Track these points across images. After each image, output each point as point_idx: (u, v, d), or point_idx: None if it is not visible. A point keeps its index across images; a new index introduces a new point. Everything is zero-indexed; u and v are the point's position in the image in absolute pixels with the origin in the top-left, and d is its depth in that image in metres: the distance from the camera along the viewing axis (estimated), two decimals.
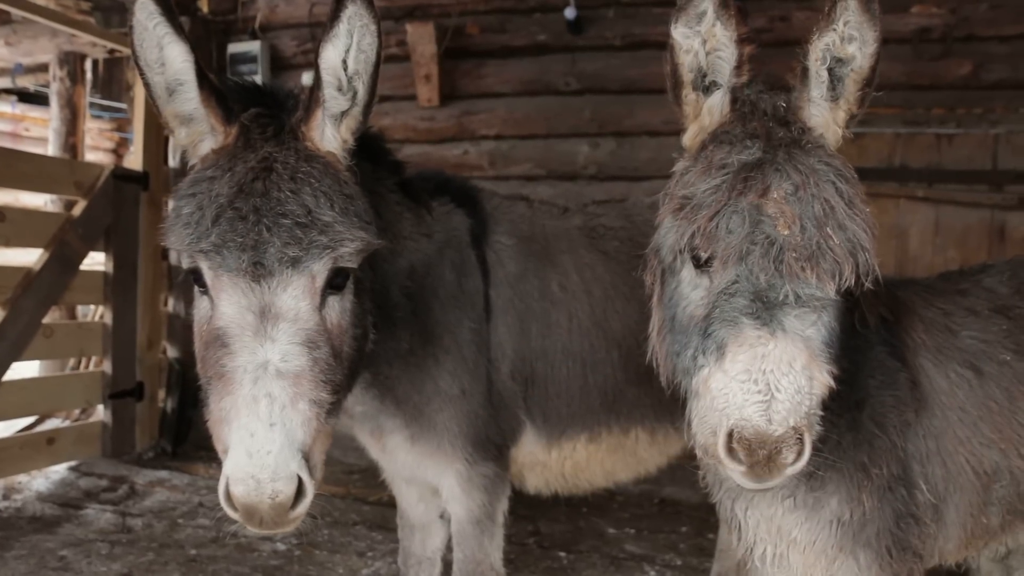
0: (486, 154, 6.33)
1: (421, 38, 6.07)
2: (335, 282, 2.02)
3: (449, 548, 3.17)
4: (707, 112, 1.93)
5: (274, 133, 2.06)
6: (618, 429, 3.14)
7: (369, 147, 2.28)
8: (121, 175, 5.96)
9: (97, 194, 5.70)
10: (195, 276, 2.00)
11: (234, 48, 6.56)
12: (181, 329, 6.60)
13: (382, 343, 2.52)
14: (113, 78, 10.40)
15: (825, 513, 2.04)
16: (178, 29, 1.99)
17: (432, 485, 2.96)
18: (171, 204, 2.03)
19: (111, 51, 7.31)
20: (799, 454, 1.61)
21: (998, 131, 5.15)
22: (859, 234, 1.69)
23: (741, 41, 1.87)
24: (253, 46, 6.51)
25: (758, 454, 1.59)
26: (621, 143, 6.06)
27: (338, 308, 2.06)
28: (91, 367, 6.81)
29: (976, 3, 5.29)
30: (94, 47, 7.19)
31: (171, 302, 6.63)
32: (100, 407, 6.08)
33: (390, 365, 2.68)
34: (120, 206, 5.89)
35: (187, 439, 6.57)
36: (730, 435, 1.61)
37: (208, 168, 2.01)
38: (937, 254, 5.19)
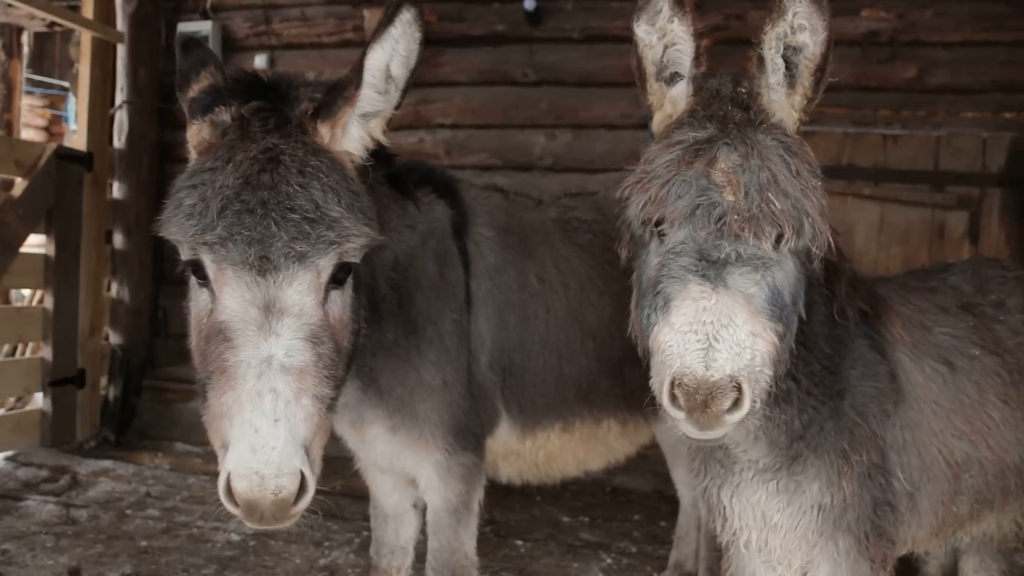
0: (442, 143, 6.30)
1: None
2: (337, 276, 2.02)
3: (421, 537, 3.18)
4: (670, 101, 2.04)
5: (276, 125, 2.05)
6: (591, 419, 3.20)
7: None
8: (64, 155, 5.75)
9: (39, 174, 5.48)
10: (194, 268, 1.97)
11: (184, 28, 6.34)
12: (125, 315, 6.42)
13: (368, 335, 2.51)
14: (45, 53, 9.99)
15: (807, 498, 2.12)
16: None
17: (410, 475, 2.96)
18: (169, 195, 2.00)
19: (50, 24, 7.00)
20: (737, 403, 1.67)
21: (940, 134, 5.38)
22: (803, 201, 1.78)
23: (699, 35, 1.97)
24: (204, 26, 6.34)
25: (695, 399, 1.65)
26: (577, 135, 6.11)
27: (339, 302, 2.05)
28: (28, 353, 6.56)
29: (921, 10, 5.50)
30: (32, 20, 6.87)
31: (115, 287, 6.43)
32: (39, 395, 5.87)
33: (374, 356, 2.66)
34: (63, 187, 5.68)
35: (130, 428, 6.40)
36: (673, 383, 1.67)
37: (207, 160, 1.99)
38: (881, 251, 5.40)
